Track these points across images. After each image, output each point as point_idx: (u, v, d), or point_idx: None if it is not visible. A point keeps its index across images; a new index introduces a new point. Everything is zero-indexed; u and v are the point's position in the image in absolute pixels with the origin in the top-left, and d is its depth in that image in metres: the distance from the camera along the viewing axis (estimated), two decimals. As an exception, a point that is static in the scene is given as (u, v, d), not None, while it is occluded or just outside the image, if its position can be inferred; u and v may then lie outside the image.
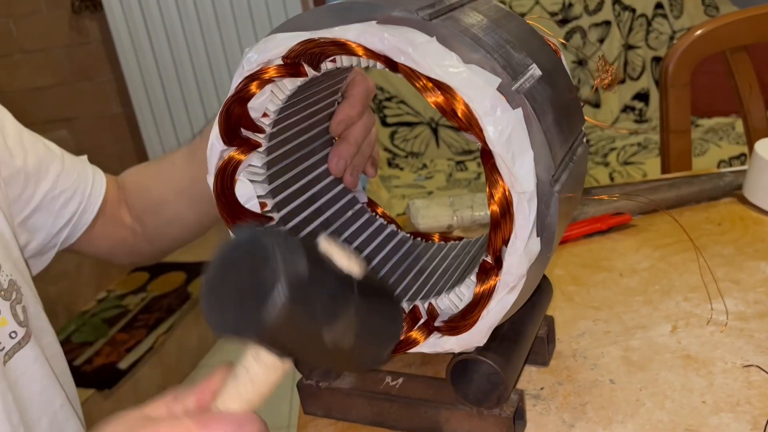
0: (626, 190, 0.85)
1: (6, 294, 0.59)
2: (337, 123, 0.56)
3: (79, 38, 2.51)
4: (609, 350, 0.58)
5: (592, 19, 2.43)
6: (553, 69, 0.47)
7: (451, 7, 0.45)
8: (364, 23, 0.41)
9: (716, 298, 0.63)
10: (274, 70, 0.45)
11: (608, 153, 2.18)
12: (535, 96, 0.42)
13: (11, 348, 0.58)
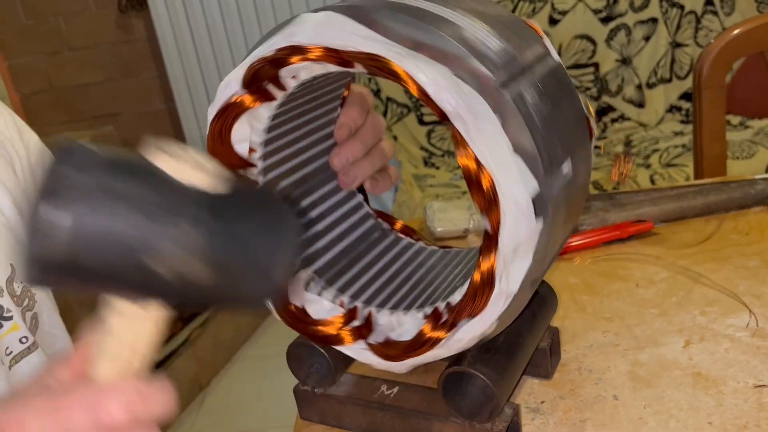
0: (652, 196, 0.82)
1: (18, 300, 0.60)
2: (338, 127, 0.55)
3: (125, 36, 2.57)
4: (616, 364, 0.56)
5: (637, 16, 2.36)
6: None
7: (522, 69, 0.43)
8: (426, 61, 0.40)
9: (735, 313, 0.60)
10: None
11: (650, 154, 2.12)
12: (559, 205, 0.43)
13: (19, 353, 0.59)
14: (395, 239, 0.59)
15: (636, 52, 2.38)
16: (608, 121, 2.39)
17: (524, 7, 2.33)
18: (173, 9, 2.40)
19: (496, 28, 0.43)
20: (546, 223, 0.41)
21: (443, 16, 0.42)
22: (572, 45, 2.35)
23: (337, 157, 0.55)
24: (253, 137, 0.48)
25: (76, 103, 2.68)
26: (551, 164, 0.42)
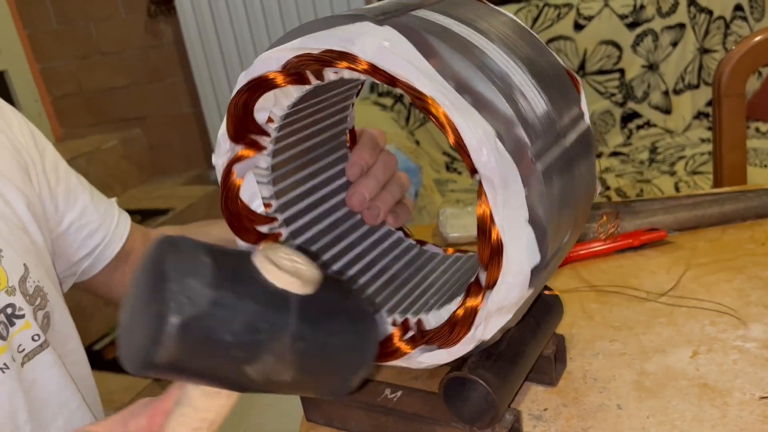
0: (666, 204, 0.81)
1: (31, 299, 0.62)
2: (350, 166, 0.56)
3: (154, 41, 2.62)
4: (621, 373, 0.56)
5: (665, 22, 2.33)
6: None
7: (557, 135, 0.44)
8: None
9: (746, 324, 0.59)
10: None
11: (676, 162, 2.09)
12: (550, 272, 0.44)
13: (31, 350, 0.61)
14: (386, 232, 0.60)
15: (663, 57, 2.35)
16: (633, 127, 2.37)
17: (549, 12, 2.32)
18: (200, 14, 2.44)
19: (542, 84, 0.44)
20: (534, 290, 0.43)
21: (491, 57, 0.42)
22: (597, 51, 2.33)
23: (354, 197, 0.56)
24: (275, 109, 0.48)
25: (104, 105, 2.73)
26: (555, 238, 0.43)
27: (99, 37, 2.64)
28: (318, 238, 0.56)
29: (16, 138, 0.67)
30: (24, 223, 0.64)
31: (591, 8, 2.32)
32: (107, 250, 0.75)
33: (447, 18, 0.44)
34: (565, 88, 0.47)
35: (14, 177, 0.64)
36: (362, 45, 0.40)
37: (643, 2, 2.32)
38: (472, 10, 0.46)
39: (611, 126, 2.37)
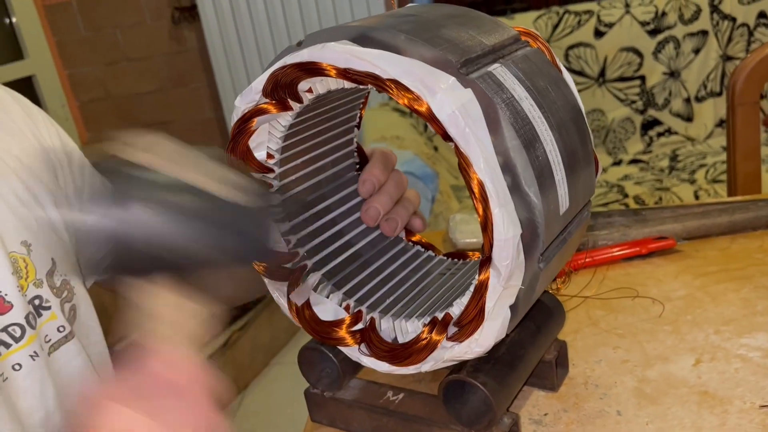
0: (677, 213, 0.81)
1: (58, 291, 0.64)
2: (362, 183, 0.58)
3: (178, 47, 2.66)
4: (623, 380, 0.56)
5: (687, 29, 2.32)
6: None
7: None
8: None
9: (751, 333, 0.59)
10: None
11: (696, 170, 2.07)
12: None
13: (57, 341, 0.63)
14: (405, 246, 0.61)
15: (685, 65, 2.34)
16: (654, 135, 2.36)
17: (569, 19, 2.32)
18: (223, 21, 2.48)
19: (572, 178, 0.46)
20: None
21: (540, 139, 0.44)
22: (618, 57, 2.32)
23: (368, 212, 0.58)
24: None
25: (130, 111, 2.78)
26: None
27: (125, 43, 2.69)
28: (343, 265, 0.57)
29: (44, 139, 0.70)
30: (52, 221, 0.66)
31: (612, 15, 2.32)
32: None
33: (519, 84, 0.45)
34: (587, 179, 0.49)
35: (44, 177, 0.67)
36: (441, 102, 0.41)
37: (665, 9, 2.30)
38: (545, 78, 0.48)
39: (631, 133, 2.36)
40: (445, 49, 0.43)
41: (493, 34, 0.48)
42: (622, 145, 2.37)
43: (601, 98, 2.35)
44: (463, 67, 0.43)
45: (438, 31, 0.45)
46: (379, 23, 0.44)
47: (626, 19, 2.31)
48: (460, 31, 0.46)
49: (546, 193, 0.43)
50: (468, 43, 0.45)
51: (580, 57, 2.33)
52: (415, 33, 0.43)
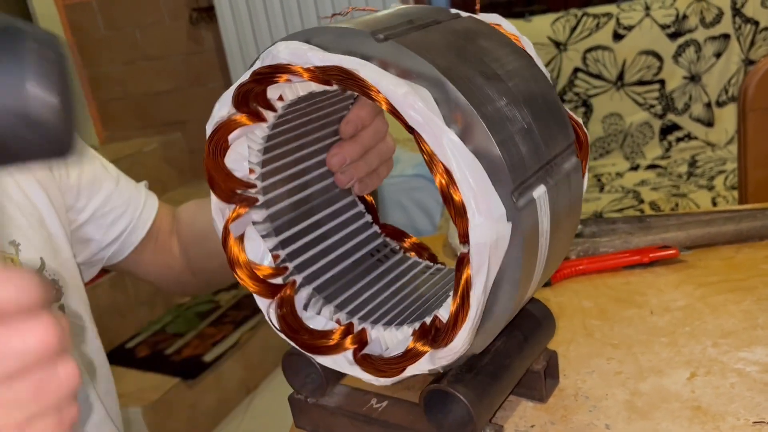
0: (682, 220, 0.79)
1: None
2: (346, 123, 0.55)
3: (195, 47, 2.68)
4: (614, 392, 0.55)
5: (708, 32, 2.28)
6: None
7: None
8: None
9: (749, 347, 0.58)
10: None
11: (715, 176, 2.04)
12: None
13: None
14: (401, 258, 0.59)
15: (706, 69, 2.30)
16: (673, 140, 2.32)
17: (588, 22, 2.29)
18: (240, 21, 2.49)
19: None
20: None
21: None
22: (637, 61, 2.29)
23: (335, 158, 0.56)
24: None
25: (147, 110, 2.81)
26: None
27: (144, 42, 2.71)
28: (334, 279, 0.56)
29: None
30: (42, 216, 0.66)
31: (631, 18, 2.28)
32: (132, 236, 0.77)
33: (548, 218, 0.44)
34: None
35: (35, 170, 0.66)
36: (480, 226, 0.40)
37: (685, 12, 2.27)
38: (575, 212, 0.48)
39: (650, 138, 2.33)
40: (510, 150, 0.41)
41: (557, 136, 0.46)
42: (640, 149, 2.33)
43: (619, 102, 2.32)
44: (516, 191, 0.41)
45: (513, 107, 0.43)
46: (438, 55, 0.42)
47: (646, 21, 2.28)
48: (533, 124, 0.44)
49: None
50: (529, 150, 0.43)
51: (598, 60, 2.30)
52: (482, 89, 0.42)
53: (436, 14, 0.48)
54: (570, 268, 0.73)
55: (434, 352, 0.46)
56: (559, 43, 2.31)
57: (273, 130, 0.49)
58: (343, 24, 0.44)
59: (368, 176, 0.58)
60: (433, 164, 0.40)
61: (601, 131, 2.34)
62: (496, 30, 0.49)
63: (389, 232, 0.61)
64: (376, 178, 0.59)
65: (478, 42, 0.46)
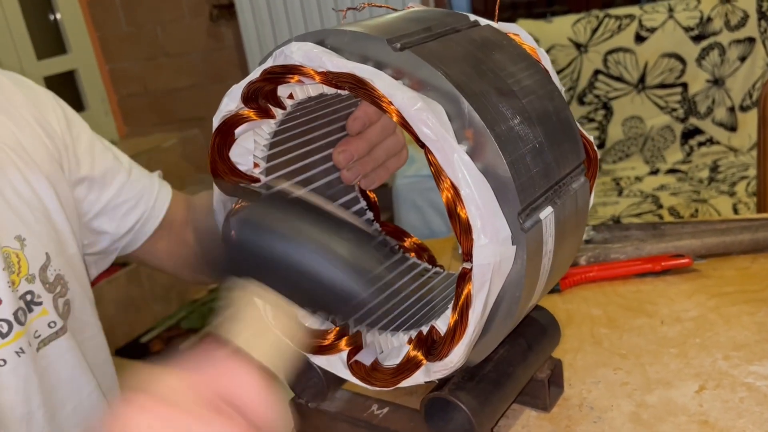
0: (698, 228, 0.78)
1: (51, 287, 0.64)
2: (353, 119, 0.55)
3: (215, 44, 2.69)
4: (620, 403, 0.54)
5: (733, 35, 2.24)
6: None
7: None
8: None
9: (761, 360, 0.56)
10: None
11: (737, 182, 2.00)
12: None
13: (47, 336, 0.63)
14: (401, 258, 0.59)
15: (730, 72, 2.26)
16: (695, 144, 2.28)
17: (610, 23, 2.26)
18: (260, 19, 2.50)
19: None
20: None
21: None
22: (659, 63, 2.26)
23: (342, 155, 0.55)
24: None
25: (167, 106, 2.82)
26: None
27: (165, 39, 2.73)
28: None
29: (49, 125, 0.69)
30: (49, 212, 0.66)
31: (654, 20, 2.25)
32: (146, 226, 0.77)
33: (552, 237, 0.44)
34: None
35: (44, 165, 0.66)
36: (484, 249, 0.40)
37: (710, 15, 2.23)
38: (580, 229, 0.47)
39: (671, 142, 2.29)
40: (520, 170, 0.40)
41: (568, 155, 0.45)
42: (661, 153, 2.30)
43: (640, 105, 2.29)
44: (523, 212, 0.41)
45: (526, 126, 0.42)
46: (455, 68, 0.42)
47: (669, 24, 2.25)
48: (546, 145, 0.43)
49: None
50: (539, 170, 0.42)
51: (620, 62, 2.27)
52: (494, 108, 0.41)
53: (454, 21, 0.47)
54: (580, 275, 0.72)
55: (430, 365, 0.45)
56: (580, 44, 2.28)
57: (280, 126, 0.48)
58: (359, 27, 0.43)
59: (374, 171, 0.58)
60: (440, 179, 0.40)
61: (621, 134, 2.31)
62: (514, 42, 0.48)
63: (390, 231, 0.61)
64: (384, 172, 0.59)
65: (494, 54, 0.45)
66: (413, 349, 0.47)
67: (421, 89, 0.41)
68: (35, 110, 0.68)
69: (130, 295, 2.00)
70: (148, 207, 0.76)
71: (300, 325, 0.43)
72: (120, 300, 1.94)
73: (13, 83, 0.69)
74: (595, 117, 2.32)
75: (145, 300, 2.08)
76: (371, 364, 0.49)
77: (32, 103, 0.68)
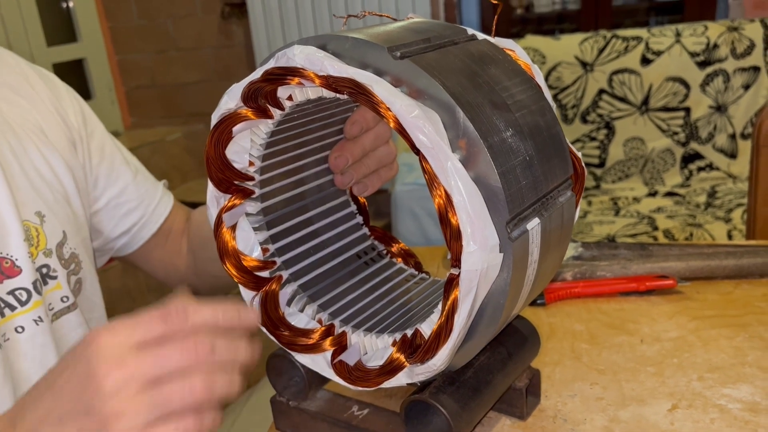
0: (684, 251, 0.79)
1: (66, 263, 0.66)
2: (351, 123, 0.56)
3: (226, 41, 2.71)
4: (593, 418, 0.55)
5: (738, 63, 2.26)
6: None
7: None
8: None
9: (735, 383, 0.57)
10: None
11: (734, 209, 2.01)
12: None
13: (60, 310, 0.65)
14: (387, 263, 0.60)
15: (733, 99, 2.27)
16: (694, 168, 2.30)
17: (617, 44, 2.28)
18: (270, 18, 2.52)
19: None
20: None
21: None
22: (663, 87, 2.27)
23: (339, 159, 0.57)
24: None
25: (174, 99, 2.84)
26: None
27: (176, 34, 2.75)
28: (321, 277, 0.57)
29: (67, 115, 0.72)
30: (68, 194, 0.68)
31: (661, 43, 2.27)
32: (144, 230, 0.78)
33: (538, 248, 0.45)
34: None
35: (63, 149, 0.69)
36: (473, 256, 0.41)
37: (716, 41, 2.25)
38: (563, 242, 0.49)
39: (670, 165, 2.31)
40: (510, 181, 0.42)
41: (556, 170, 0.47)
42: (660, 176, 2.31)
43: (643, 127, 2.31)
44: (511, 222, 0.42)
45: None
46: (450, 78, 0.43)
47: (676, 48, 2.27)
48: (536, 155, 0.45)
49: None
50: (528, 183, 0.43)
51: (624, 83, 2.29)
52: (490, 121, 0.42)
53: (452, 34, 0.49)
54: (565, 290, 0.73)
55: (413, 367, 0.47)
56: (586, 63, 2.30)
57: (277, 126, 0.50)
58: (361, 34, 0.44)
59: (368, 178, 0.59)
60: (433, 185, 0.41)
61: (622, 155, 2.33)
62: (509, 57, 0.50)
63: (378, 236, 0.62)
64: (376, 180, 0.60)
65: (490, 68, 0.46)
66: (397, 351, 0.48)
67: (419, 98, 0.42)
68: (56, 101, 0.71)
69: (125, 285, 2.02)
70: (148, 212, 0.78)
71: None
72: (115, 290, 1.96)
73: (38, 75, 0.72)
74: (597, 136, 2.34)
75: (141, 291, 2.09)
76: (355, 364, 0.51)
77: (54, 95, 0.71)
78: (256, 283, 0.54)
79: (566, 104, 2.34)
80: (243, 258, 0.53)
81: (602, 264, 0.77)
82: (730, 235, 1.85)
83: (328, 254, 0.58)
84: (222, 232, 0.53)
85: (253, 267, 0.53)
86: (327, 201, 0.59)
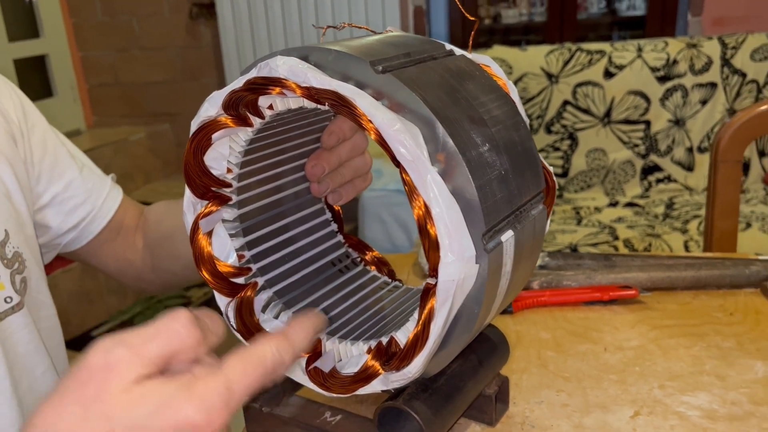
0: (646, 262, 0.82)
1: (8, 263, 0.65)
2: (329, 134, 0.57)
3: (193, 42, 2.69)
4: (559, 423, 0.56)
5: (696, 79, 2.33)
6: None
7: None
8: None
9: (693, 391, 0.60)
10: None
11: (690, 220, 2.08)
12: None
13: (3, 311, 0.64)
14: (361, 271, 0.61)
15: (691, 114, 2.35)
16: (653, 180, 2.36)
17: (581, 57, 2.34)
18: (239, 20, 2.51)
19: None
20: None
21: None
22: (625, 100, 2.33)
23: (316, 168, 0.58)
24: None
25: (138, 99, 2.80)
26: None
27: (141, 32, 2.72)
28: (296, 284, 0.57)
29: (6, 110, 0.70)
30: (9, 191, 0.66)
31: (624, 57, 2.33)
32: (92, 225, 0.77)
33: (511, 260, 0.46)
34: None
35: (3, 145, 0.67)
36: (450, 266, 0.42)
37: (676, 57, 2.32)
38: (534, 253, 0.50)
39: (631, 176, 2.37)
40: (487, 194, 0.43)
41: (530, 184, 0.48)
42: (621, 187, 2.37)
43: (605, 138, 2.36)
44: (487, 234, 0.43)
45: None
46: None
47: (637, 63, 2.33)
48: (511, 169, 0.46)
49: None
50: (503, 196, 0.45)
51: (588, 95, 2.34)
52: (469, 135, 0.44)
53: (431, 49, 0.50)
54: (532, 298, 0.75)
55: (388, 375, 0.48)
56: (552, 74, 2.35)
57: (257, 134, 0.50)
58: (342, 47, 0.45)
59: (343, 187, 0.60)
60: (413, 197, 0.42)
61: (585, 165, 2.38)
62: (486, 73, 0.51)
63: (352, 244, 0.63)
64: (351, 190, 0.61)
65: (468, 84, 0.48)
66: (372, 359, 0.49)
67: (400, 111, 0.43)
68: None
69: (84, 286, 1.98)
70: (96, 206, 0.77)
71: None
72: (74, 291, 1.92)
73: None
74: (560, 146, 2.39)
75: (100, 293, 2.06)
76: (330, 371, 0.51)
77: None
78: (231, 290, 0.54)
79: (531, 114, 2.38)
80: (218, 264, 0.53)
81: (568, 274, 0.79)
82: (686, 246, 1.91)
83: (304, 261, 0.58)
84: (198, 238, 0.53)
85: (229, 273, 0.54)
86: (303, 208, 0.60)
